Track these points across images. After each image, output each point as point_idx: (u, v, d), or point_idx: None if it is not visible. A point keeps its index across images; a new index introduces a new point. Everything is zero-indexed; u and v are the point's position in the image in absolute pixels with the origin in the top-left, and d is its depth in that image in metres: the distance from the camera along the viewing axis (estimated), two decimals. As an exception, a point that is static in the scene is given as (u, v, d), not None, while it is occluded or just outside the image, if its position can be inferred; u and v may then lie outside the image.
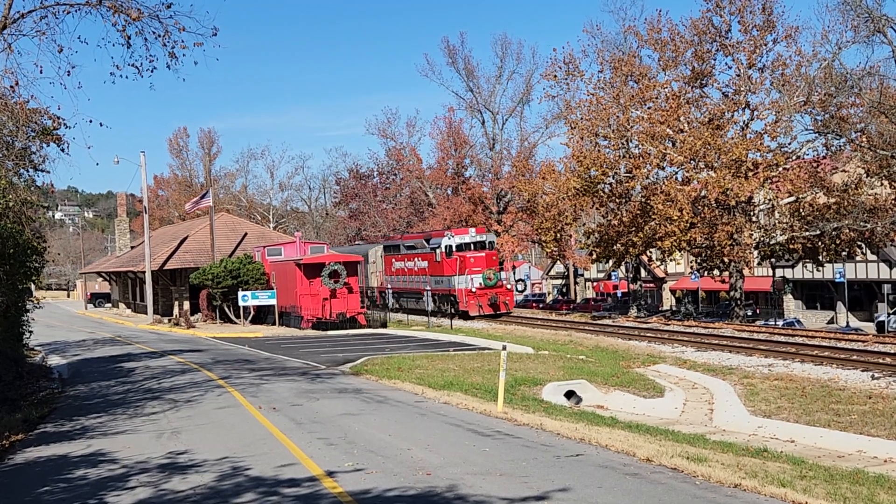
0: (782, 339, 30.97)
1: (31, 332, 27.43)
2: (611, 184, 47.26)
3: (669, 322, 41.12)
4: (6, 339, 23.97)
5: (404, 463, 11.55)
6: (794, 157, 43.12)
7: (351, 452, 12.40)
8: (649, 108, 44.47)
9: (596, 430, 14.15)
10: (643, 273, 64.31)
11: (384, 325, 41.41)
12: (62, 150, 20.48)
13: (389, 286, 53.59)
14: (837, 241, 42.50)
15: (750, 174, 40.75)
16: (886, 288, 56.95)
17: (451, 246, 46.28)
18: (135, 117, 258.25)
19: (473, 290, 45.12)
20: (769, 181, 42.22)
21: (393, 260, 53.45)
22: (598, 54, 50.30)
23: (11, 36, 17.07)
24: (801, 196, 42.37)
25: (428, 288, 45.90)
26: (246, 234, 59.27)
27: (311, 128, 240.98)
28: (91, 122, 36.25)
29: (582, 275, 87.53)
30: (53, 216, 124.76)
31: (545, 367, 23.65)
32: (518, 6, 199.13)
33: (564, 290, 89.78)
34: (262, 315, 45.29)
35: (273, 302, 43.08)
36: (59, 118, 19.19)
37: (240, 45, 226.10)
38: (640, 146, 44.20)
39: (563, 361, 25.48)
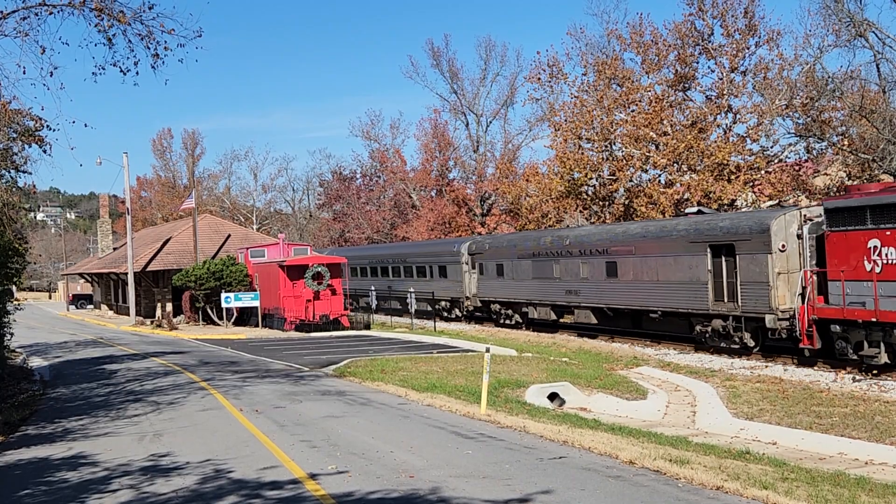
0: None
1: (11, 333, 27.26)
2: (594, 186, 47.39)
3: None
4: (-13, 341, 23.83)
5: (387, 465, 11.55)
6: (776, 161, 43.36)
7: (334, 455, 12.38)
8: (633, 110, 44.61)
9: (579, 432, 14.18)
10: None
11: (368, 327, 41.35)
12: (44, 152, 20.35)
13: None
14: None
15: (732, 177, 40.95)
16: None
17: None
18: (118, 118, 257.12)
19: None
20: (751, 184, 42.42)
21: None
22: (582, 57, 50.44)
23: (-7, 37, 16.96)
24: (782, 199, 42.61)
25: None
26: (229, 235, 59.05)
27: (294, 129, 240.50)
28: (74, 122, 36.21)
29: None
30: (35, 217, 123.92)
31: (528, 370, 23.68)
32: (503, 9, 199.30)
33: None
34: (245, 317, 45.13)
35: (256, 304, 42.94)
36: (40, 119, 19.07)
37: (224, 46, 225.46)
38: (624, 149, 44.33)
39: (546, 364, 25.51)
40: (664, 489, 9.97)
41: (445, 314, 45.22)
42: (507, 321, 39.54)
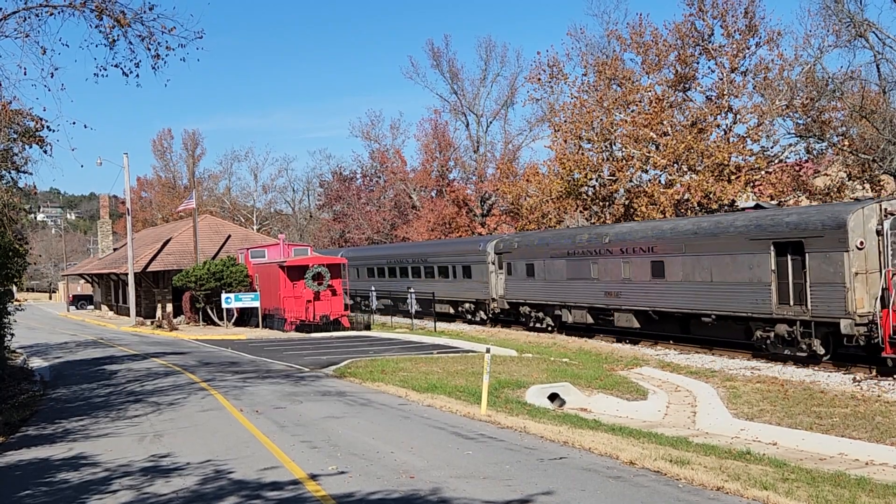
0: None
1: (12, 334, 27.24)
2: (594, 186, 47.41)
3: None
4: (-13, 342, 23.84)
5: (388, 466, 11.55)
6: (776, 161, 43.36)
7: (334, 455, 12.38)
8: (633, 111, 44.64)
9: (579, 432, 14.17)
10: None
11: (368, 328, 41.35)
12: (45, 152, 20.37)
13: None
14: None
15: (732, 177, 40.96)
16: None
17: None
18: (118, 119, 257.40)
19: None
20: (751, 184, 42.43)
21: None
22: (582, 57, 50.54)
23: (-6, 38, 16.97)
24: (783, 200, 42.62)
25: (411, 290, 44.75)
26: (229, 236, 59.04)
27: (294, 129, 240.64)
28: (74, 123, 36.22)
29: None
30: (35, 218, 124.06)
31: (529, 370, 23.67)
32: (503, 9, 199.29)
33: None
34: (245, 317, 45.12)
35: (256, 304, 42.93)
36: (41, 119, 19.08)
37: (224, 46, 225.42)
38: (624, 149, 44.36)
39: (546, 364, 25.51)
40: (665, 490, 9.97)
41: (469, 317, 42.94)
42: (538, 324, 37.23)
